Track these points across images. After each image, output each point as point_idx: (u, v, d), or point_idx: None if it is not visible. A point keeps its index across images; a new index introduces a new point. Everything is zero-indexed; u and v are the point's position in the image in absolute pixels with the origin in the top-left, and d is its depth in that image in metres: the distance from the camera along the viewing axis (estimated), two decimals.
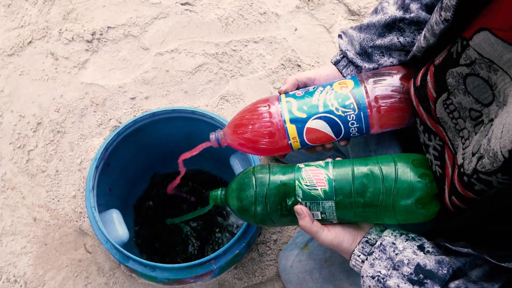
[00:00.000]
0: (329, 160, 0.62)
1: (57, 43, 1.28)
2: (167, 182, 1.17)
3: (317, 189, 0.57)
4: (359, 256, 0.56)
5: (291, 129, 0.63)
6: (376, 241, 0.56)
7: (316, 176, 0.58)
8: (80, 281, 1.01)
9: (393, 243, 0.55)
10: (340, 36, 0.73)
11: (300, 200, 0.58)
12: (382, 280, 0.53)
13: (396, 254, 0.53)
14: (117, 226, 0.95)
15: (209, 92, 1.25)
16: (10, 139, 1.16)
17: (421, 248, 0.54)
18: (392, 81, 0.61)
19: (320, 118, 0.62)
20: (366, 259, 0.56)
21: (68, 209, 1.08)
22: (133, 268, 0.82)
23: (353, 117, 0.61)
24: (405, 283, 0.51)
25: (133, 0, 1.35)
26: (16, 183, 1.12)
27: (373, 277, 0.54)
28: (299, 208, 0.58)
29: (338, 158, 0.64)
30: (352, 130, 0.63)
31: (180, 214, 1.12)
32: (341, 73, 0.71)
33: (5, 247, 1.04)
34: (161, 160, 1.13)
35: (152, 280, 0.86)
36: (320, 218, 0.59)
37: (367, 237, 0.57)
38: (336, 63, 0.72)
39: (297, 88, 0.69)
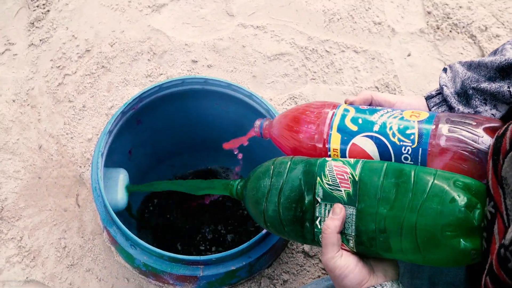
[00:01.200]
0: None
1: None
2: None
3: (341, 190, 0.57)
4: None
5: (335, 138, 0.64)
6: None
7: (340, 174, 0.58)
8: (55, 232, 1.05)
9: None
10: (444, 69, 0.74)
11: (319, 200, 0.58)
12: None
13: None
14: (118, 188, 0.98)
15: (280, 86, 1.26)
16: (53, 55, 1.25)
17: None
18: (473, 128, 0.60)
19: (370, 137, 0.63)
20: None
21: (77, 150, 1.14)
22: (114, 236, 0.84)
23: (409, 150, 0.61)
24: None
25: None
26: (38, 102, 1.20)
27: None
28: (339, 207, 0.57)
29: None
30: None
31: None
32: (430, 110, 0.71)
33: None
34: (200, 145, 1.16)
35: (128, 261, 0.87)
36: None
37: None
38: (428, 98, 0.72)
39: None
